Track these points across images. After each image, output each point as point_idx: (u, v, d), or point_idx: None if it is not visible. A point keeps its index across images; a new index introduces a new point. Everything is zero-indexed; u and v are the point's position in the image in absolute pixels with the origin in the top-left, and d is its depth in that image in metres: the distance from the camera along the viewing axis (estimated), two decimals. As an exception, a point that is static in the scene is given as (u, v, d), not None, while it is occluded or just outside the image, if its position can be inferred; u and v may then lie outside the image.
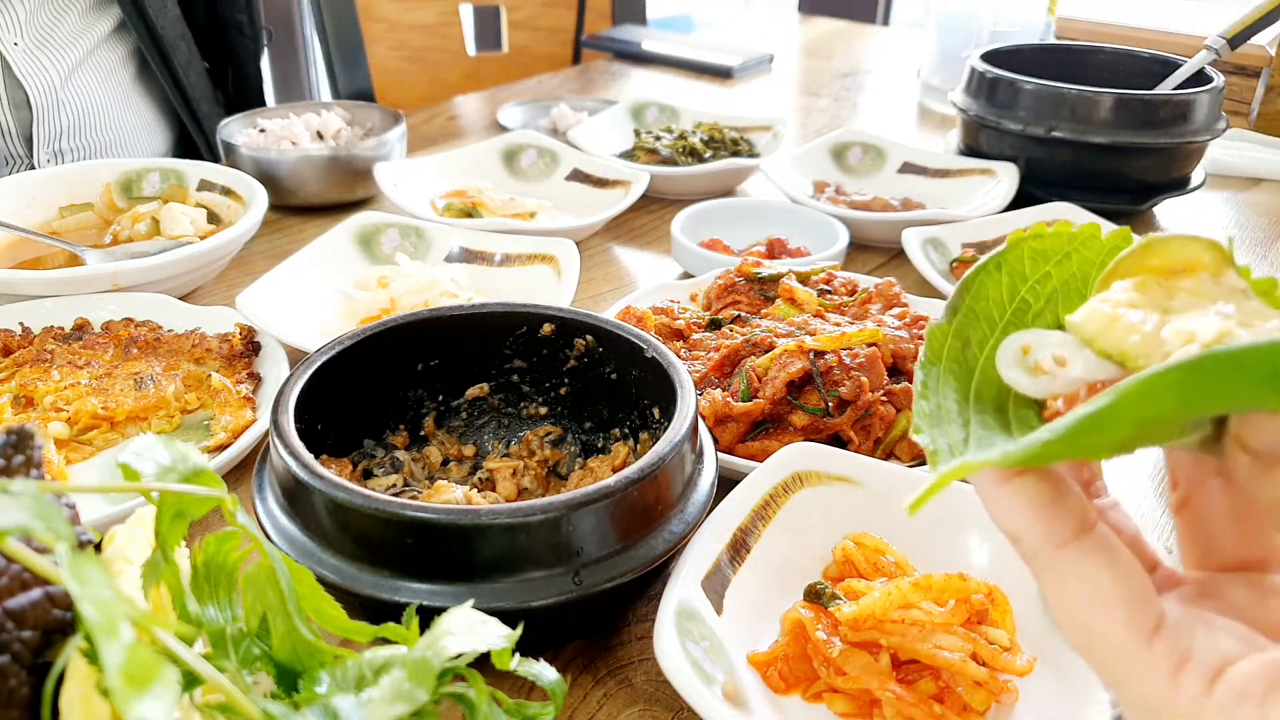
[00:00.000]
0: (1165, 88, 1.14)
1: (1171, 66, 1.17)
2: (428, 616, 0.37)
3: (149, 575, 0.33)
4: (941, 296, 0.87)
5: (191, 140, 1.41)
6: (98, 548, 0.38)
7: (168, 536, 0.33)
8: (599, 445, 0.66)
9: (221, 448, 0.68)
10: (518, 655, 0.37)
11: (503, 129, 1.45)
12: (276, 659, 0.35)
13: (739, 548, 0.54)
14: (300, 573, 0.36)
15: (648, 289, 0.86)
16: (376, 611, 0.46)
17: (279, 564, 0.35)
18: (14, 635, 0.31)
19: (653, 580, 0.51)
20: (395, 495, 0.58)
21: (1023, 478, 0.31)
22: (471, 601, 0.38)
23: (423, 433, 0.67)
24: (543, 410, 0.68)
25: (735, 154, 1.26)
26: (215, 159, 1.25)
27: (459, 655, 0.34)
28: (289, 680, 0.35)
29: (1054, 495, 0.30)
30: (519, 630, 0.36)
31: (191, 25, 1.34)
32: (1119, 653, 0.29)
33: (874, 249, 1.08)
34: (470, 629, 0.35)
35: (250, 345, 0.78)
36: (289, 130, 1.19)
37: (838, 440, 0.68)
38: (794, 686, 0.50)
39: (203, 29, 1.38)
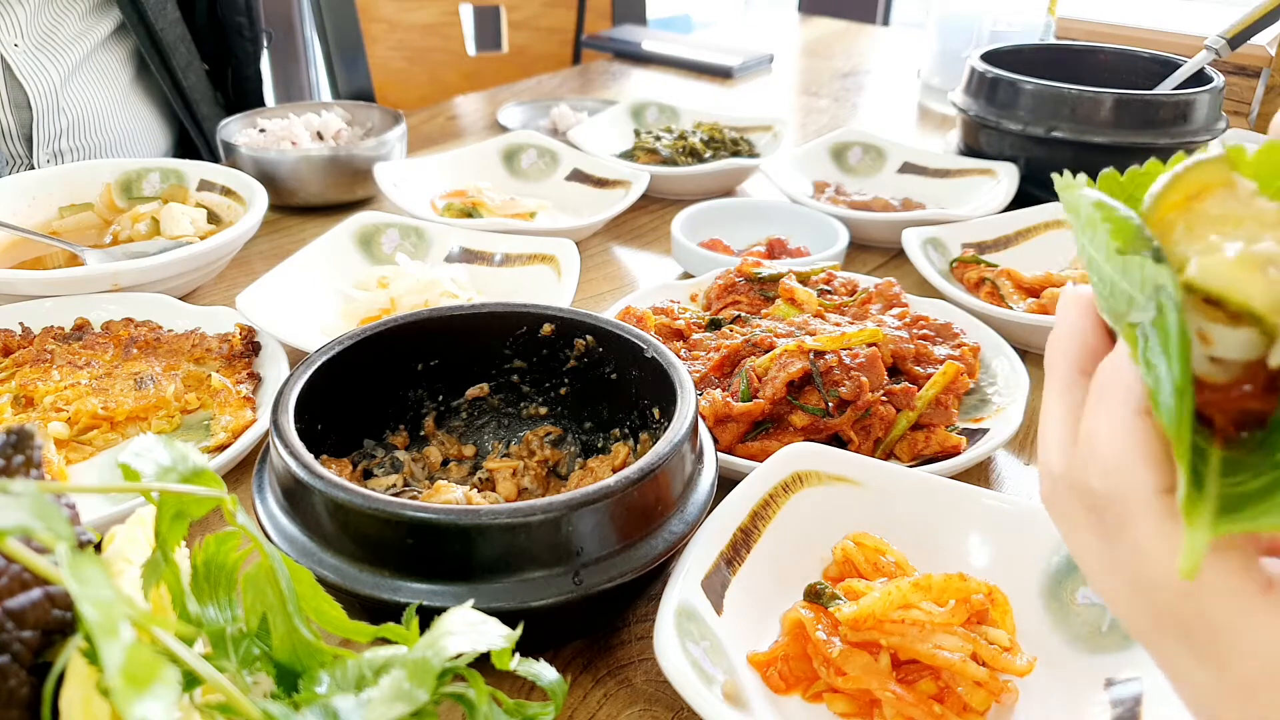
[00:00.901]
0: (1165, 88, 1.14)
1: (1171, 66, 1.17)
2: (428, 616, 0.37)
3: (149, 575, 0.33)
4: (942, 296, 0.87)
5: (191, 141, 1.41)
6: (98, 548, 0.38)
7: (168, 536, 0.33)
8: (599, 445, 0.66)
9: (221, 448, 0.68)
10: (518, 655, 0.37)
11: (503, 129, 1.45)
12: (276, 659, 0.35)
13: (739, 548, 0.54)
14: (300, 573, 0.36)
15: (648, 289, 0.86)
16: (376, 611, 0.46)
17: (279, 564, 0.35)
18: (14, 635, 0.31)
19: (653, 580, 0.51)
20: (395, 495, 0.58)
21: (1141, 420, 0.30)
22: (471, 601, 0.38)
23: (423, 433, 0.67)
24: (543, 410, 0.68)
25: (735, 154, 1.26)
26: (215, 160, 1.25)
27: (459, 655, 0.34)
28: (289, 680, 0.35)
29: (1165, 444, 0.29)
30: (519, 630, 0.36)
31: (191, 27, 1.34)
32: (1236, 603, 0.27)
33: (874, 249, 1.08)
34: (470, 629, 0.35)
35: (250, 345, 0.78)
36: (289, 130, 1.19)
37: (838, 440, 0.68)
38: (794, 687, 0.50)
39: (202, 31, 1.38)
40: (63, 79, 1.20)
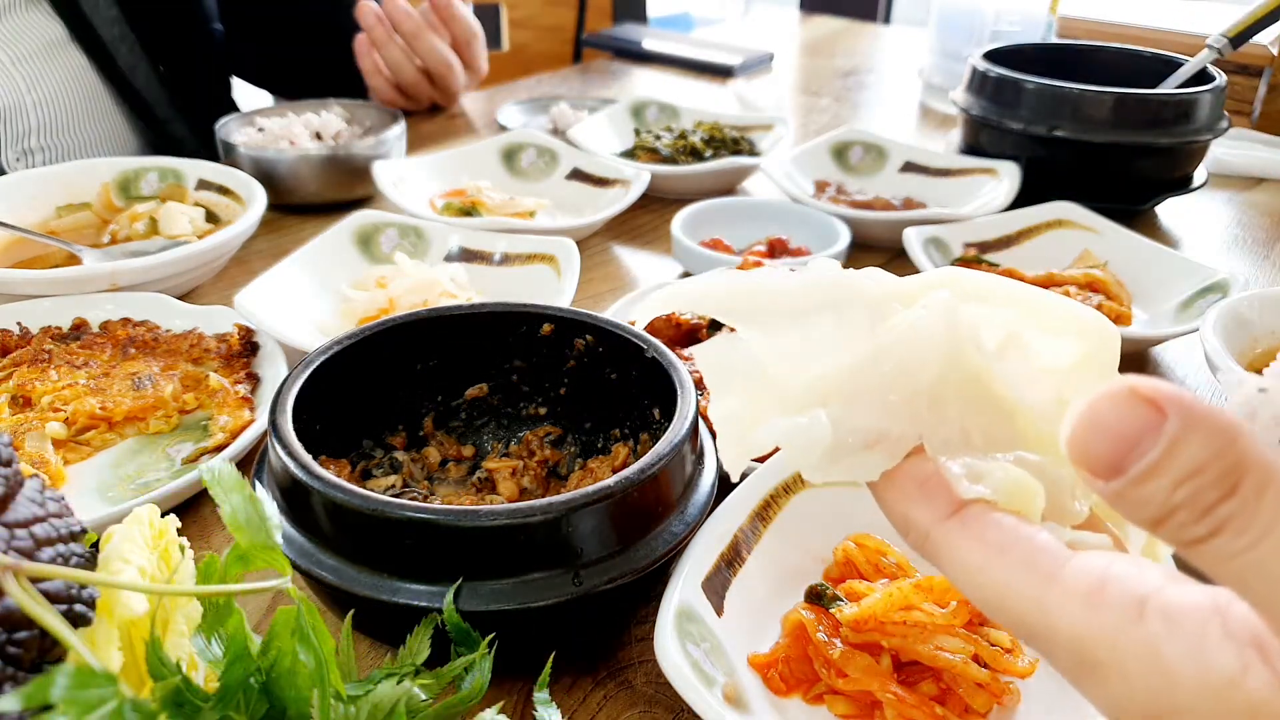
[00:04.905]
0: (1167, 87, 1.14)
1: (1173, 65, 1.17)
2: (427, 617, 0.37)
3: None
4: (942, 296, 0.86)
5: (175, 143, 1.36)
6: (95, 547, 0.38)
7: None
8: (599, 445, 0.66)
9: (219, 448, 0.67)
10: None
11: (502, 128, 1.45)
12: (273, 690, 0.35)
13: (739, 548, 0.54)
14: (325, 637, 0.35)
15: (647, 289, 0.85)
16: (376, 613, 0.46)
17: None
18: (13, 636, 0.31)
19: (653, 581, 0.51)
20: (394, 496, 0.58)
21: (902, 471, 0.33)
22: (471, 602, 0.38)
23: (422, 433, 0.67)
24: (542, 410, 0.68)
25: (736, 153, 1.26)
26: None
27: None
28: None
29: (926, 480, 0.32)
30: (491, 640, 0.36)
31: (137, 27, 1.28)
32: (1028, 598, 0.28)
33: (875, 249, 1.07)
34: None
35: (248, 345, 0.78)
36: (287, 129, 1.19)
37: (839, 440, 0.67)
38: (795, 688, 0.50)
39: (149, 30, 1.30)
40: (30, 80, 1.17)
